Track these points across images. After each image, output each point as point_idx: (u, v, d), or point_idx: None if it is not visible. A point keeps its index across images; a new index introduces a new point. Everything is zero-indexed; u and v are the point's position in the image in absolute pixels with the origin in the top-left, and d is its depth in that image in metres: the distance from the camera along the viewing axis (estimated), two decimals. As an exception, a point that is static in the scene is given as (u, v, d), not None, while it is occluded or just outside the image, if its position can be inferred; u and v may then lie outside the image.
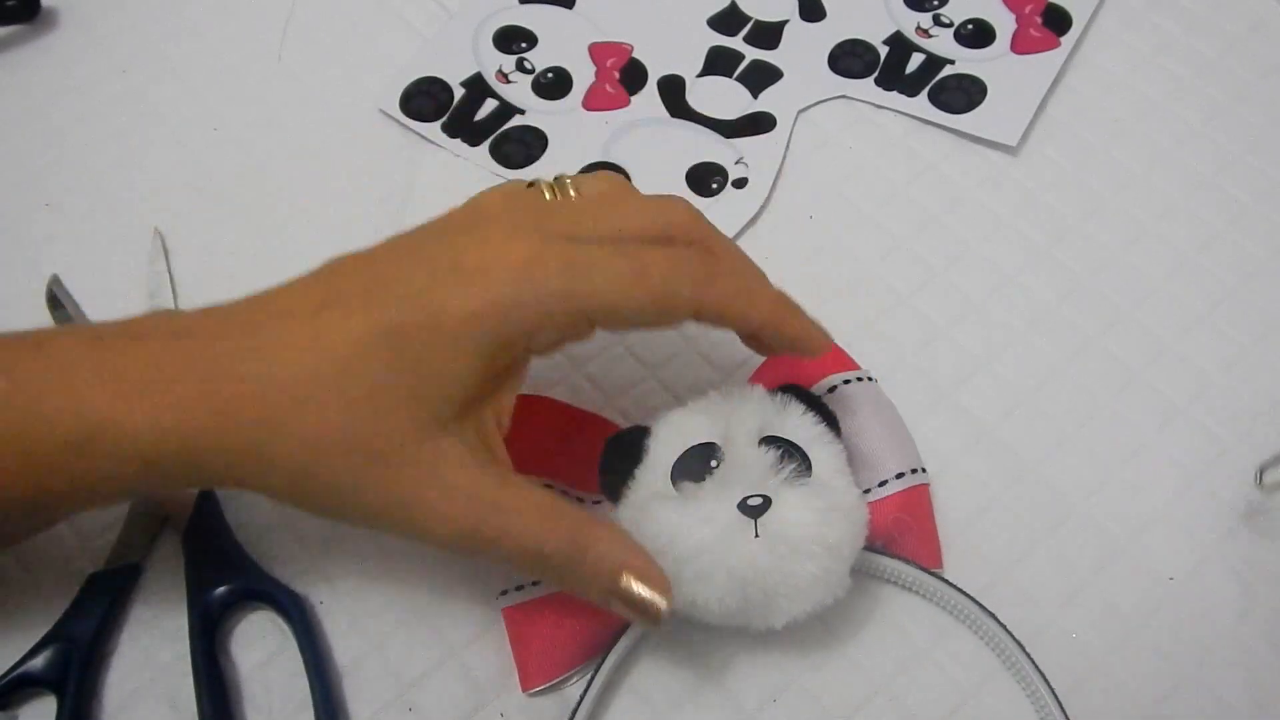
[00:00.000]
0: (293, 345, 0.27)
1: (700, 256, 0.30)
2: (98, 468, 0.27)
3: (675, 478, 0.32)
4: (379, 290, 0.28)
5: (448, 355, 0.27)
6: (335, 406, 0.26)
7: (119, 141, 0.47)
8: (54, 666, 0.33)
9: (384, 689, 0.34)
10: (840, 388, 0.37)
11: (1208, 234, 0.44)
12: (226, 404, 0.27)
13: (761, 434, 0.32)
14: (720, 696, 0.34)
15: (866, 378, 0.38)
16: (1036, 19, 0.50)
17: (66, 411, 0.27)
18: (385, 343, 0.27)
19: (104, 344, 0.28)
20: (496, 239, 0.28)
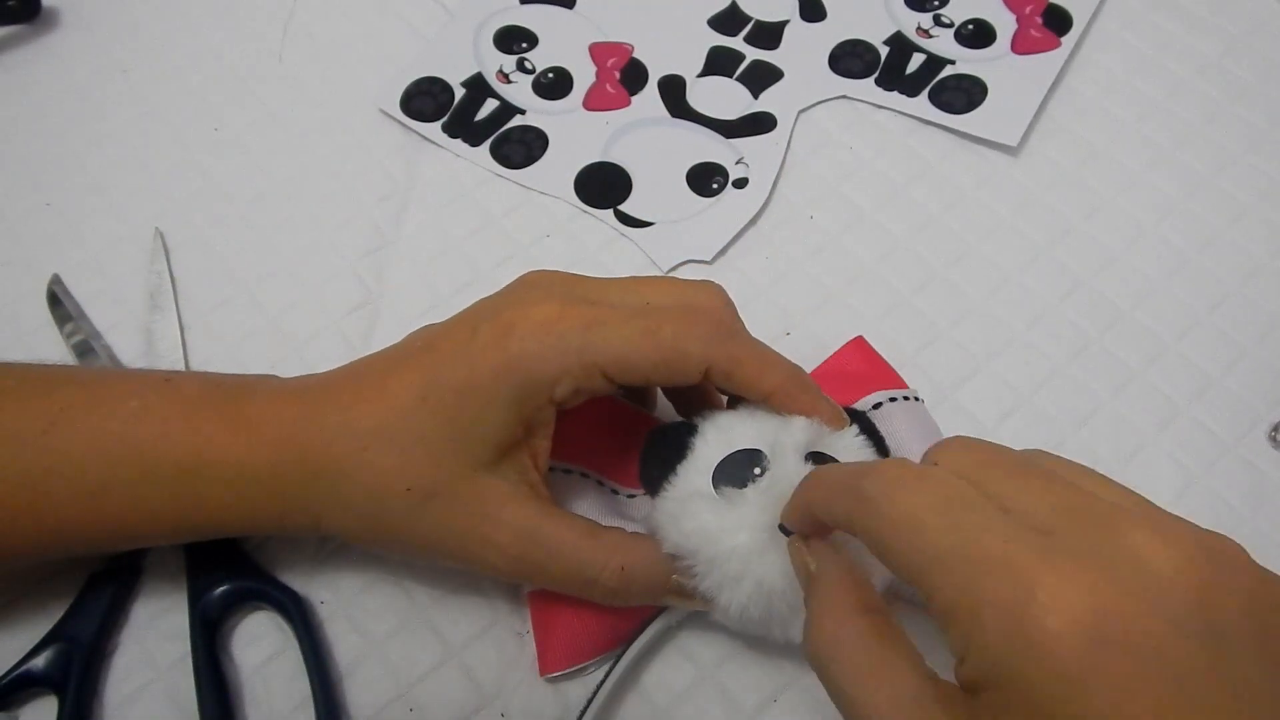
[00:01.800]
0: (365, 399, 0.31)
1: (714, 322, 0.32)
2: (203, 491, 0.31)
3: (718, 480, 0.32)
4: (431, 351, 0.31)
5: (480, 405, 0.30)
6: (392, 452, 0.30)
7: (119, 141, 0.47)
8: (55, 666, 0.33)
9: (384, 689, 0.34)
10: (886, 405, 0.36)
11: (1208, 234, 0.44)
12: (308, 447, 0.31)
13: (809, 449, 0.32)
14: (720, 696, 0.34)
15: (914, 397, 0.37)
16: (1037, 19, 0.50)
17: (184, 438, 0.31)
18: (431, 395, 0.30)
19: (222, 390, 0.32)
20: (528, 302, 0.31)
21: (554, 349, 0.30)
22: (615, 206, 0.45)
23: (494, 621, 0.35)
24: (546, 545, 0.31)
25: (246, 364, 0.41)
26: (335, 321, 0.42)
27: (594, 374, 0.30)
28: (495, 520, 0.31)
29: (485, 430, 0.30)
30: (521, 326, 0.30)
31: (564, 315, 0.30)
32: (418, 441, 0.30)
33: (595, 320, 0.30)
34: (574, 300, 0.31)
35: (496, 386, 0.30)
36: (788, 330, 0.42)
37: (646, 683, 0.34)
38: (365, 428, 0.30)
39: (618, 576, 0.31)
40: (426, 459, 0.30)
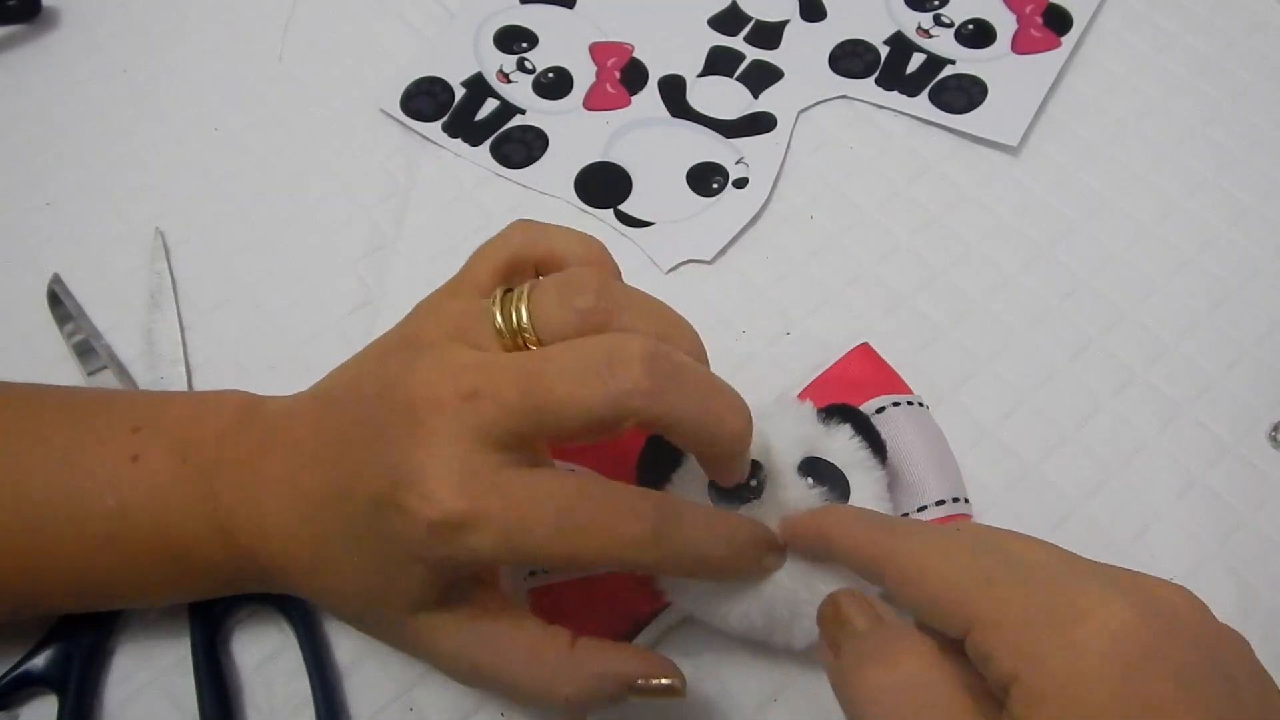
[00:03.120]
0: (298, 537, 0.30)
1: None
2: (192, 579, 0.32)
3: (713, 490, 0.32)
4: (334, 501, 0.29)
5: (394, 573, 0.28)
6: (333, 590, 0.30)
7: (119, 141, 0.47)
8: (55, 666, 0.33)
9: (384, 689, 0.34)
10: (889, 410, 0.37)
11: (1208, 234, 0.44)
12: (270, 566, 0.31)
13: (804, 454, 0.32)
14: (720, 696, 0.34)
15: (917, 403, 0.37)
16: (1037, 19, 0.50)
17: (161, 537, 0.31)
18: (348, 550, 0.29)
19: (189, 469, 0.31)
20: (429, 478, 0.26)
21: (462, 558, 0.27)
22: (615, 206, 0.45)
23: (494, 621, 0.35)
24: (485, 672, 0.29)
25: (246, 364, 0.41)
26: (335, 321, 0.42)
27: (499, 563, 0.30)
28: (439, 653, 0.30)
29: (411, 591, 0.28)
30: (427, 526, 0.26)
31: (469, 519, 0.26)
32: (349, 585, 0.29)
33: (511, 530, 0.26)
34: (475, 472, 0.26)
35: (413, 567, 0.28)
36: (788, 330, 0.42)
37: (646, 683, 0.34)
38: (304, 564, 0.30)
39: (562, 706, 0.29)
40: (360, 601, 0.30)
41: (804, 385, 0.38)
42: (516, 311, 0.28)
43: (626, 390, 0.26)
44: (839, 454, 0.33)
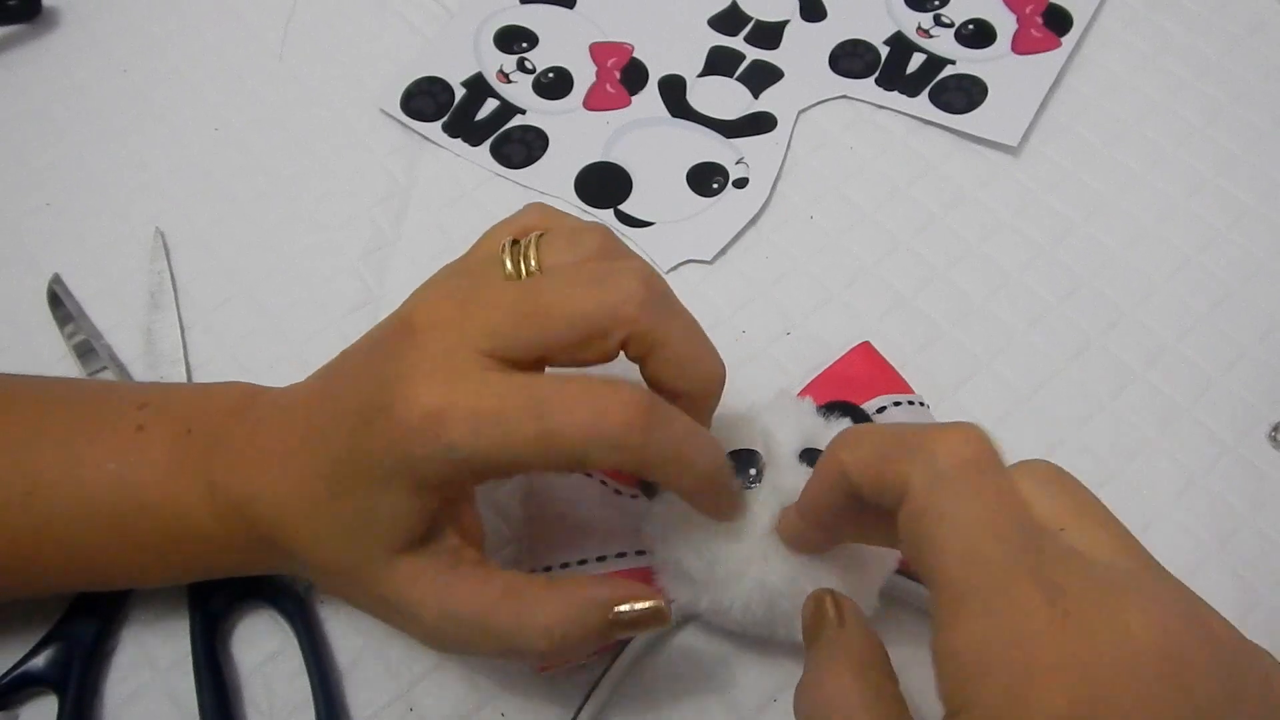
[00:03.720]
0: (290, 480, 0.30)
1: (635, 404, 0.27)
2: (189, 552, 0.32)
3: None
4: (321, 435, 0.29)
5: (378, 499, 0.28)
6: (309, 538, 0.30)
7: (119, 141, 0.47)
8: (55, 665, 0.33)
9: (384, 689, 0.34)
10: (890, 410, 0.37)
11: (1208, 234, 0.44)
12: (263, 527, 0.30)
13: (804, 446, 0.32)
14: (720, 696, 0.34)
15: (919, 402, 0.37)
16: (1037, 19, 0.50)
17: (161, 506, 0.31)
18: (328, 487, 0.29)
19: (190, 442, 0.32)
20: (414, 379, 0.27)
21: (447, 457, 0.26)
22: (615, 206, 0.45)
23: (494, 621, 0.35)
24: (464, 619, 0.29)
25: (247, 363, 0.41)
26: (335, 321, 0.42)
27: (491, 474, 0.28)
28: (412, 601, 0.29)
29: (389, 523, 0.28)
30: (411, 420, 0.26)
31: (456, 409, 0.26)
32: (329, 530, 0.29)
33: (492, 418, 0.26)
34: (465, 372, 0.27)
35: (390, 483, 0.27)
36: (788, 330, 0.42)
37: (646, 682, 0.34)
38: (292, 517, 0.30)
39: (542, 639, 0.28)
40: (340, 545, 0.29)
41: (804, 385, 0.38)
42: (525, 256, 0.29)
43: (621, 298, 0.27)
44: None
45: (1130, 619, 0.21)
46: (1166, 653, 0.21)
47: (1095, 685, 0.21)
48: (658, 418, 0.27)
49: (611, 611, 0.29)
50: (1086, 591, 0.22)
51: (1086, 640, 0.21)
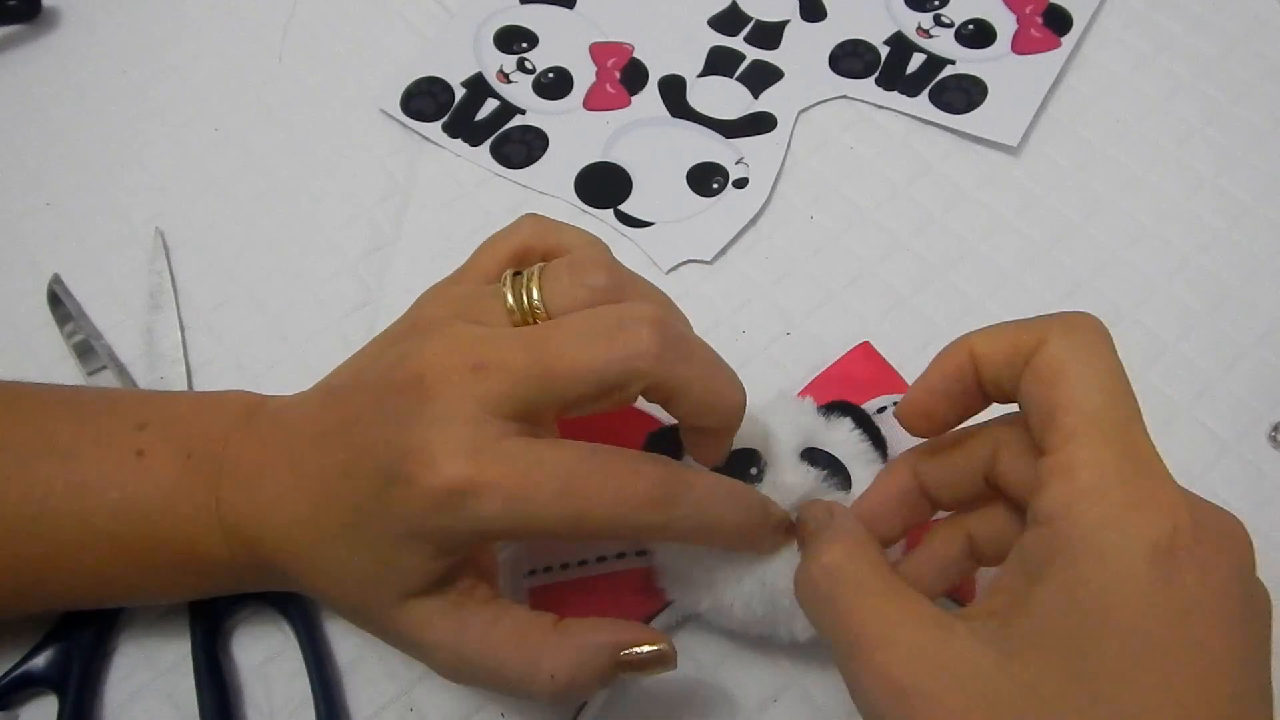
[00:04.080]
0: (302, 514, 0.30)
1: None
2: (196, 577, 0.32)
3: None
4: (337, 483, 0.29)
5: (398, 555, 0.28)
6: (329, 579, 0.30)
7: (119, 141, 0.47)
8: (55, 666, 0.33)
9: (384, 689, 0.34)
10: (890, 409, 0.36)
11: (1208, 234, 0.44)
12: (272, 560, 0.30)
13: (804, 445, 0.32)
14: (720, 696, 0.34)
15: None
16: (1037, 19, 0.50)
17: (167, 532, 0.31)
18: (346, 537, 0.29)
19: (193, 465, 0.31)
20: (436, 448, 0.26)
21: (468, 526, 0.27)
22: (615, 206, 0.45)
23: (494, 621, 0.35)
24: (475, 663, 0.29)
25: (246, 364, 0.41)
26: (335, 321, 0.42)
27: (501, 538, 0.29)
28: (426, 644, 0.29)
29: (404, 573, 0.28)
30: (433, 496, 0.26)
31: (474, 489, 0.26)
32: (347, 572, 0.29)
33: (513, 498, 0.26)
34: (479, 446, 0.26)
35: (413, 543, 0.28)
36: (788, 330, 0.42)
37: (646, 682, 0.34)
38: (305, 552, 0.30)
39: (549, 685, 0.28)
40: (357, 589, 0.29)
41: (804, 385, 0.38)
42: (528, 291, 0.29)
43: (635, 352, 0.26)
44: (840, 446, 0.33)
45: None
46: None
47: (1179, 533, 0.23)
48: (679, 488, 0.27)
49: (618, 656, 0.29)
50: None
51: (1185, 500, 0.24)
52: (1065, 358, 0.25)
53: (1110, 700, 0.22)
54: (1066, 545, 0.23)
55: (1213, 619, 0.22)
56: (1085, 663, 0.22)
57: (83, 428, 0.32)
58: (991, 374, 0.27)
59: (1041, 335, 0.25)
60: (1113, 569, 0.22)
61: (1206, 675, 0.22)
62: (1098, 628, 0.22)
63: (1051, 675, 0.22)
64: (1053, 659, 0.22)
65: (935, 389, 0.28)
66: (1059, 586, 0.23)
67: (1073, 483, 0.23)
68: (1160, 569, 0.22)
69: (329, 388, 0.32)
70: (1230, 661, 0.22)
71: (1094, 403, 0.24)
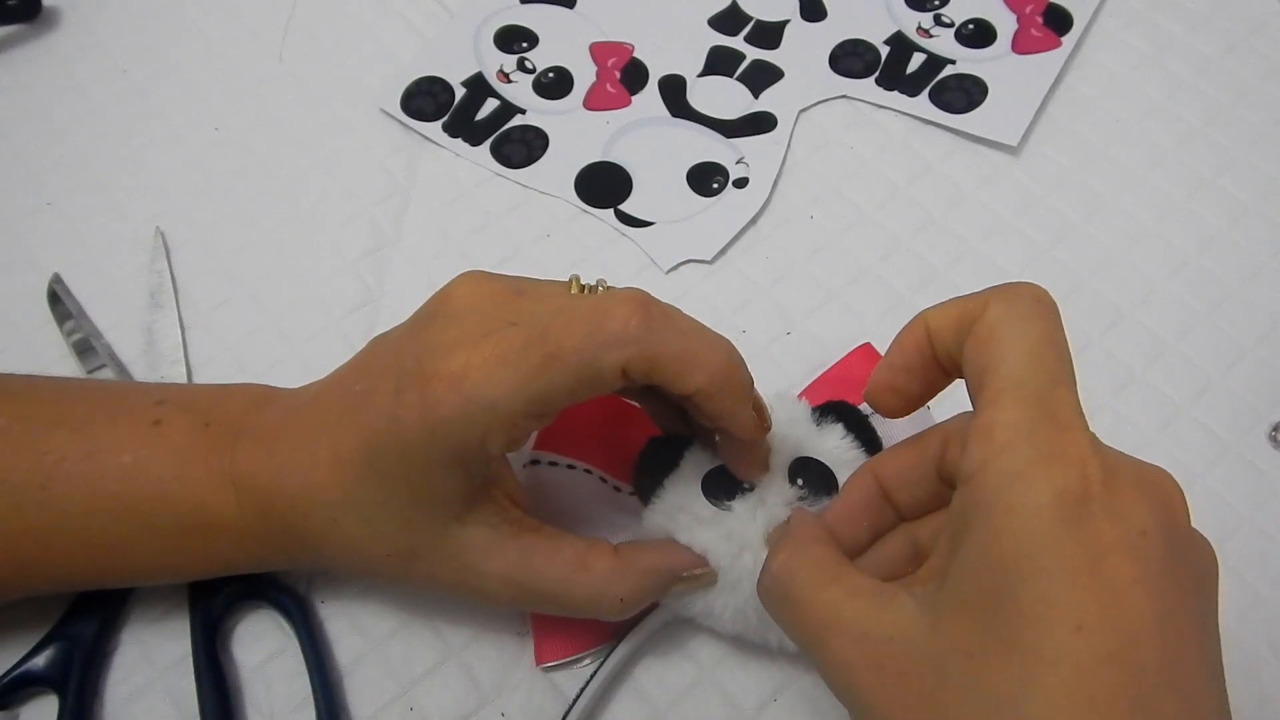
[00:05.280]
0: (322, 463, 0.30)
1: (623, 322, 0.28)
2: (204, 545, 0.32)
3: (707, 492, 0.32)
4: (366, 409, 0.29)
5: (424, 470, 0.29)
6: (361, 522, 0.30)
7: (119, 141, 0.47)
8: (55, 666, 0.33)
9: (384, 689, 0.34)
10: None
11: (1208, 234, 0.44)
12: (289, 515, 0.30)
13: (796, 454, 0.32)
14: (720, 696, 0.34)
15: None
16: (1037, 19, 0.50)
17: (179, 497, 0.31)
18: (377, 461, 0.29)
19: (209, 434, 0.32)
20: (443, 348, 0.28)
21: (476, 408, 0.27)
22: (615, 206, 0.45)
23: (494, 621, 0.35)
24: (536, 587, 0.30)
25: (246, 364, 0.41)
26: (335, 321, 0.42)
27: (516, 421, 0.28)
28: (479, 571, 0.30)
29: (437, 492, 0.29)
30: (439, 385, 0.28)
31: (482, 362, 0.27)
32: (380, 509, 0.29)
33: (500, 361, 0.27)
34: (487, 334, 0.28)
35: (430, 453, 0.28)
36: (788, 330, 0.42)
37: (646, 682, 0.34)
38: (330, 499, 0.30)
39: (619, 606, 0.31)
40: (395, 525, 0.30)
41: (804, 385, 0.38)
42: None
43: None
44: (830, 453, 0.33)
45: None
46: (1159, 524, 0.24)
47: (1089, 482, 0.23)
48: (656, 311, 0.28)
49: (676, 577, 0.31)
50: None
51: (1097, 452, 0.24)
52: (999, 324, 0.26)
53: (1026, 649, 0.22)
54: (981, 502, 0.24)
55: (1126, 561, 0.22)
56: (1002, 615, 0.23)
57: (99, 403, 0.33)
58: (943, 347, 0.27)
59: (984, 304, 0.26)
60: (1020, 520, 0.23)
61: (1122, 614, 0.22)
62: (1011, 579, 0.23)
63: (975, 631, 0.23)
64: (975, 615, 0.23)
65: (896, 365, 0.29)
66: (975, 543, 0.24)
67: (990, 442, 0.24)
68: (1068, 517, 0.23)
69: (346, 363, 0.32)
70: (1148, 600, 0.22)
71: (1018, 365, 0.25)
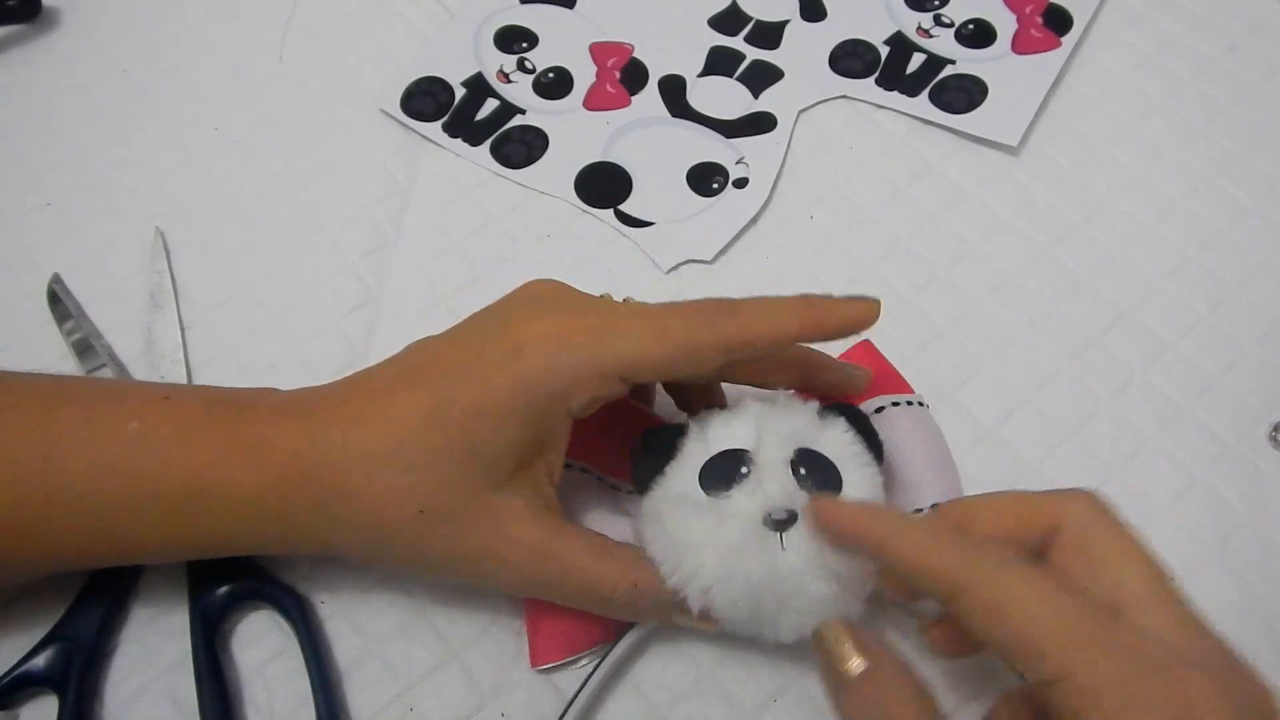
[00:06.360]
0: (368, 420, 0.30)
1: (720, 303, 0.31)
2: (206, 515, 0.31)
3: (703, 480, 0.32)
4: (437, 370, 0.31)
5: (494, 425, 0.30)
6: (402, 474, 0.30)
7: (119, 141, 0.47)
8: (55, 666, 0.33)
9: (384, 689, 0.34)
10: (888, 410, 0.36)
11: (1208, 234, 0.44)
12: (313, 469, 0.30)
13: (796, 446, 0.32)
14: (720, 696, 0.34)
15: (917, 402, 0.37)
16: (1037, 19, 0.50)
17: (185, 463, 0.31)
18: (442, 416, 0.30)
19: (222, 407, 0.32)
20: (533, 317, 0.31)
21: (566, 362, 0.30)
22: (615, 206, 0.45)
23: (494, 621, 0.35)
24: (560, 564, 0.31)
25: (246, 364, 0.41)
26: (335, 321, 0.42)
27: (609, 380, 0.30)
28: (509, 539, 0.30)
29: (498, 449, 0.30)
30: (531, 343, 0.30)
31: (572, 326, 0.30)
32: (428, 463, 0.30)
33: (603, 327, 0.30)
34: (577, 310, 0.31)
35: (511, 405, 0.29)
36: (788, 330, 0.42)
37: (646, 682, 0.34)
38: (373, 449, 0.30)
39: (630, 594, 0.31)
40: (437, 481, 0.30)
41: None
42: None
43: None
44: (832, 447, 0.33)
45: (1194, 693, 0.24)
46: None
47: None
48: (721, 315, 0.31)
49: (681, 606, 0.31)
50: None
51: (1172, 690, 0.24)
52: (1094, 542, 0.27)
53: None
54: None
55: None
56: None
57: (107, 387, 0.33)
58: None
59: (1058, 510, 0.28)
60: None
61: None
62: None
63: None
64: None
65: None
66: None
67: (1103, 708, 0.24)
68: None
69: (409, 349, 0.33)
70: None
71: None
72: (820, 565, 0.30)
